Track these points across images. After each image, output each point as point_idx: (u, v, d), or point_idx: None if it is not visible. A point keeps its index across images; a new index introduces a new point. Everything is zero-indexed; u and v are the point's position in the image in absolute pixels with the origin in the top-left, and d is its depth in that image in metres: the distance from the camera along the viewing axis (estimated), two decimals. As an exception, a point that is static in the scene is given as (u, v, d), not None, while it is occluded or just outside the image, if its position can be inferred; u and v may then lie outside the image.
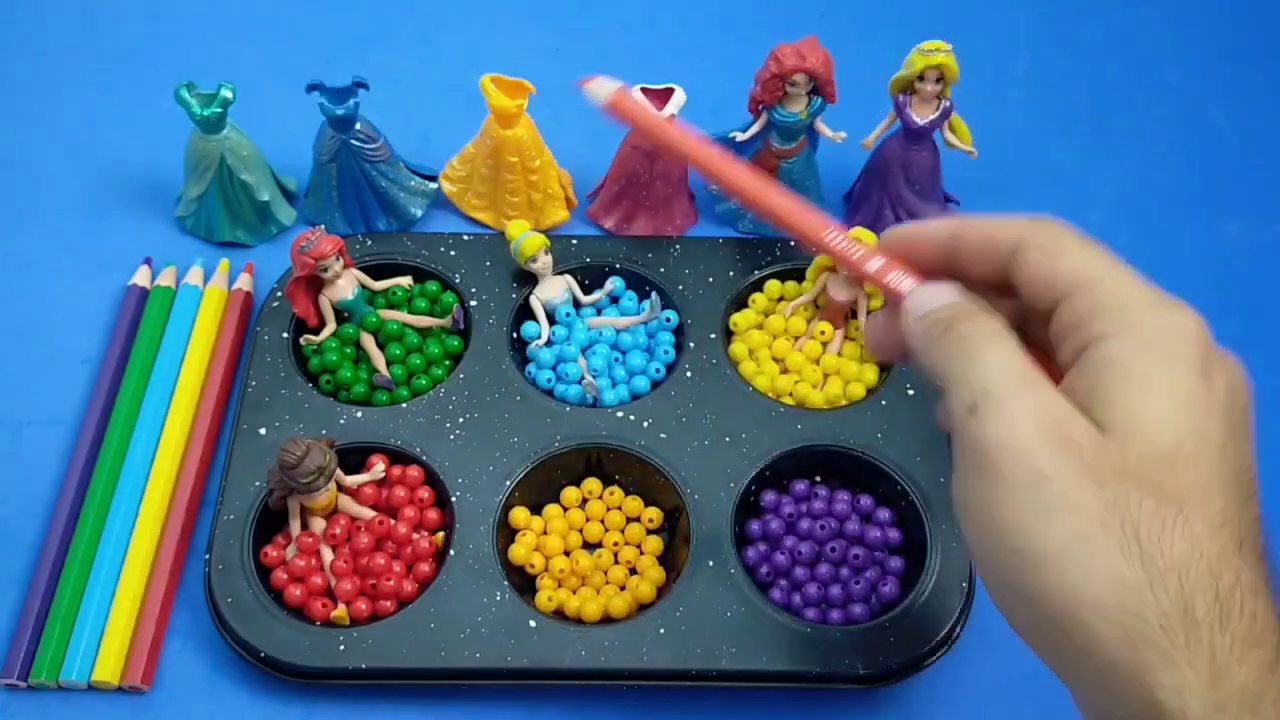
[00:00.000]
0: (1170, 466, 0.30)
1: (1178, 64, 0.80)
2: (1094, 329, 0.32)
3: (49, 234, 0.68)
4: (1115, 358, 0.32)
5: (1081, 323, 0.33)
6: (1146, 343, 0.32)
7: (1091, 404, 0.32)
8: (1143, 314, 0.32)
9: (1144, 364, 0.31)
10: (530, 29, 0.80)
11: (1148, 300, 0.33)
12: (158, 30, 0.79)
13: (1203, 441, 0.31)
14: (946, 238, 0.37)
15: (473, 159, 0.66)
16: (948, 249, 0.37)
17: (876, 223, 0.68)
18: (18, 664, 0.52)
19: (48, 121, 0.74)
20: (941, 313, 0.35)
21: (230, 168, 0.64)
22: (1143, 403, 0.31)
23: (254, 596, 0.53)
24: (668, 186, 0.65)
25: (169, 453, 0.58)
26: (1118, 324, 0.32)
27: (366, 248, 0.65)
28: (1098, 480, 0.30)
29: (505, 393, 0.60)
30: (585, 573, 0.55)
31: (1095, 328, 0.32)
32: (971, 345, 0.34)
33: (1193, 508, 0.30)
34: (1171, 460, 0.30)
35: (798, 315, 0.63)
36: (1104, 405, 0.31)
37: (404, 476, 0.57)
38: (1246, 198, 0.73)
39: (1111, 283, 0.33)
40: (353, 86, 0.61)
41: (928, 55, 0.61)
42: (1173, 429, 0.31)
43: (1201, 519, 0.30)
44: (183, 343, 0.62)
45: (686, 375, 0.61)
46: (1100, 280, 0.33)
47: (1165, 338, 0.32)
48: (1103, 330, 0.32)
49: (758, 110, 0.63)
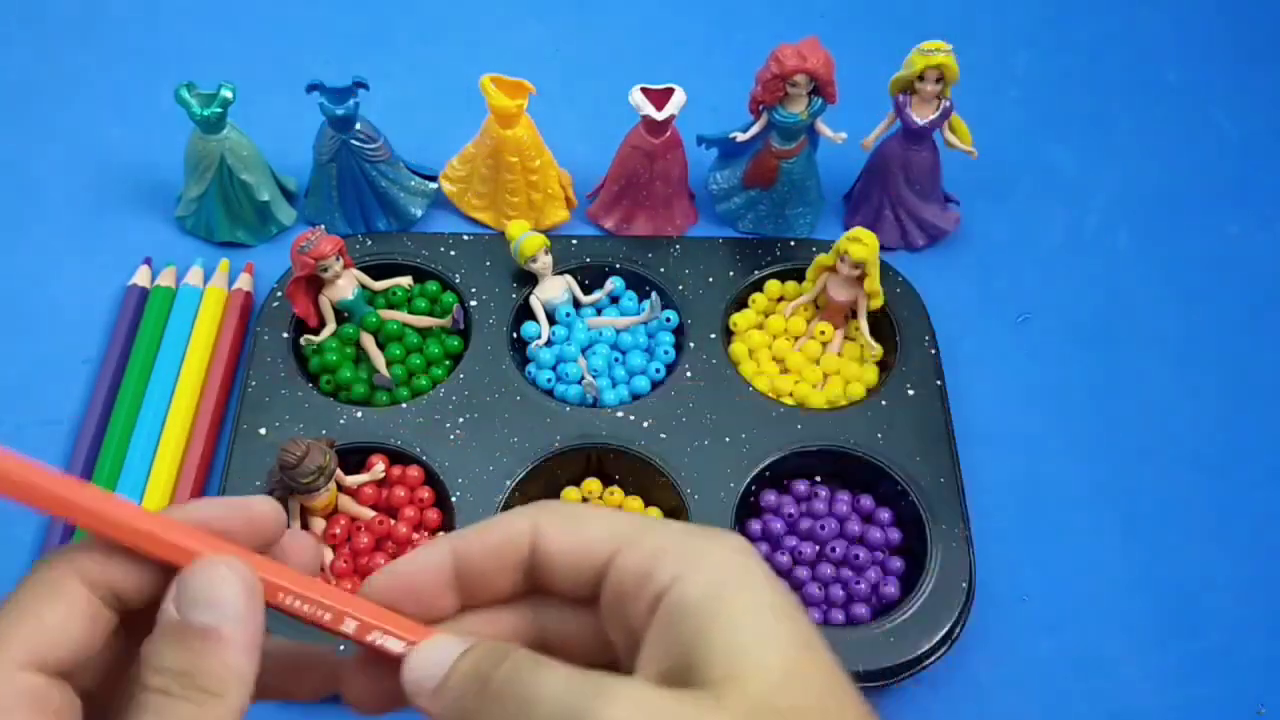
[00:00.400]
0: (797, 685, 0.28)
1: (1178, 64, 0.80)
2: (660, 577, 0.29)
3: (49, 234, 0.68)
4: (696, 600, 0.29)
5: (644, 575, 0.29)
6: (719, 576, 0.29)
7: (687, 661, 0.28)
8: (699, 550, 0.30)
9: (725, 598, 0.29)
10: (530, 29, 0.80)
11: (696, 537, 0.30)
12: (158, 30, 0.79)
13: (810, 653, 0.28)
14: (447, 562, 0.31)
15: (473, 159, 0.66)
16: (454, 572, 0.31)
17: (876, 223, 0.68)
18: (18, 664, 0.52)
19: (48, 121, 0.74)
20: (460, 670, 0.29)
21: (230, 168, 0.64)
22: (740, 639, 0.28)
23: (254, 596, 0.53)
24: (668, 186, 0.65)
25: (169, 453, 0.58)
26: (683, 565, 0.29)
27: (366, 248, 0.65)
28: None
29: (505, 393, 0.60)
30: (585, 573, 0.55)
31: (662, 575, 0.29)
32: (523, 690, 0.28)
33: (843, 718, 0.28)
34: (793, 678, 0.28)
35: (798, 315, 0.63)
36: (701, 657, 0.28)
37: (404, 476, 0.57)
38: (1246, 198, 0.73)
39: (652, 530, 0.30)
40: (353, 86, 0.61)
41: (928, 55, 0.61)
42: (778, 653, 0.28)
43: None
44: (183, 343, 0.62)
45: (686, 375, 0.61)
46: (640, 533, 0.30)
47: (732, 567, 0.29)
48: (671, 574, 0.29)
49: (758, 110, 0.63)
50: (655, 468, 0.57)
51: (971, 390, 0.62)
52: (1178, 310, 0.67)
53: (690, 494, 0.56)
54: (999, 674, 0.55)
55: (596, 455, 0.59)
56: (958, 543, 0.55)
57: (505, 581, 0.31)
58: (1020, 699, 0.54)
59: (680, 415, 0.59)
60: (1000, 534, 0.58)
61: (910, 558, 0.56)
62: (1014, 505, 0.59)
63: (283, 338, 0.61)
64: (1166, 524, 0.59)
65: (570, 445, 0.58)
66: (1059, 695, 0.55)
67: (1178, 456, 0.62)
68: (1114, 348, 0.66)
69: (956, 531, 0.55)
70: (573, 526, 0.31)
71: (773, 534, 0.56)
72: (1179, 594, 0.57)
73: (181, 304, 0.63)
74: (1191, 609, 0.57)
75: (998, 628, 0.56)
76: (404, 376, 0.61)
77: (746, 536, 0.57)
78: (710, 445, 0.58)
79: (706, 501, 0.56)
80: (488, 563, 0.31)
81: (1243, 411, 0.63)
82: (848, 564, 0.55)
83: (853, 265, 0.60)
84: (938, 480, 0.57)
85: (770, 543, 0.56)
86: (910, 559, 0.56)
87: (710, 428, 0.58)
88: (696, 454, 0.58)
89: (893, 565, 0.56)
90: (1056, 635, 0.56)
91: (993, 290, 0.68)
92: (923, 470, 0.57)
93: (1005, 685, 0.54)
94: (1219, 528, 0.59)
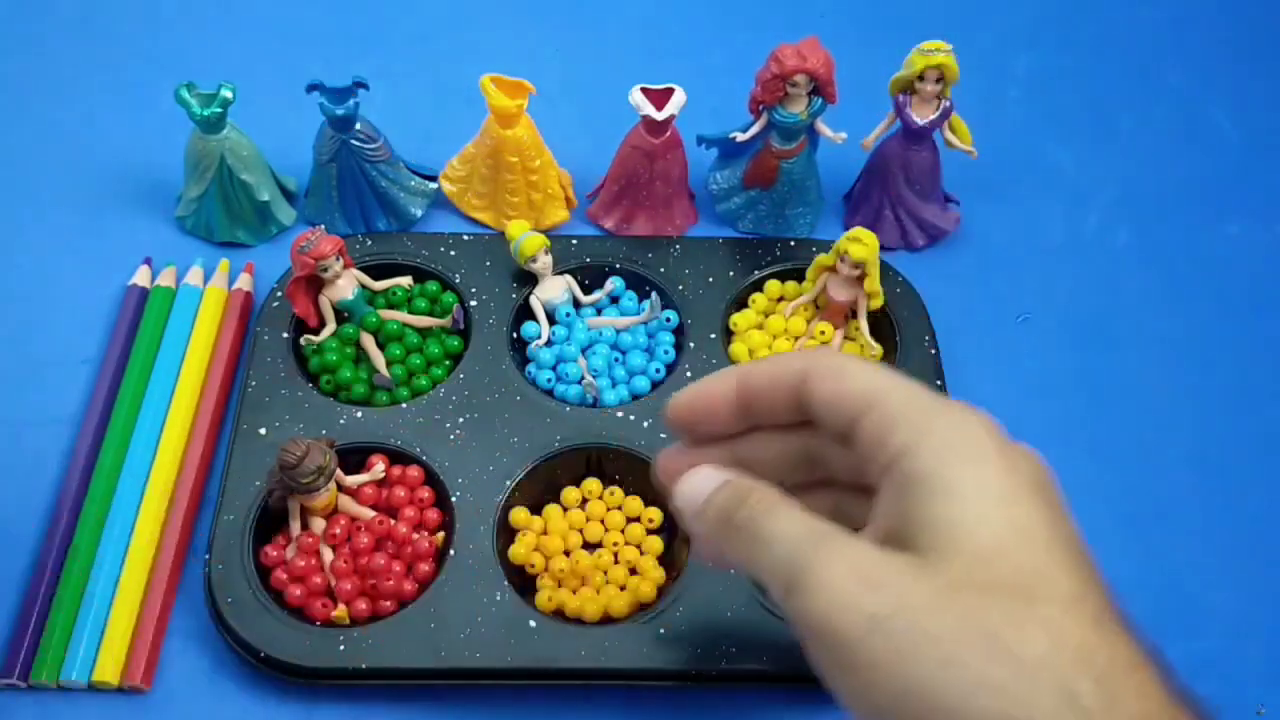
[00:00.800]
0: (1001, 562, 0.30)
1: (1178, 64, 0.80)
2: (893, 444, 0.32)
3: (49, 234, 0.68)
4: (921, 472, 0.31)
5: (880, 439, 0.33)
6: (947, 449, 0.32)
7: (907, 527, 0.31)
8: (935, 421, 0.32)
9: (949, 471, 0.31)
10: (530, 29, 0.80)
11: (937, 408, 0.33)
12: (158, 30, 0.79)
13: (1024, 529, 0.30)
14: (734, 388, 0.37)
15: (473, 159, 0.66)
16: (738, 398, 0.37)
17: (876, 223, 0.68)
18: (18, 664, 0.52)
19: (48, 121, 0.74)
20: (714, 504, 0.35)
21: (230, 168, 0.64)
22: (957, 510, 0.30)
23: (254, 596, 0.53)
24: (668, 186, 0.65)
25: (169, 453, 0.58)
26: (915, 435, 0.32)
27: (366, 248, 0.65)
28: (937, 603, 0.29)
29: (505, 393, 0.60)
30: (585, 573, 0.55)
31: (894, 442, 0.32)
32: (756, 529, 0.33)
33: (1040, 595, 0.29)
34: (1000, 556, 0.30)
35: (798, 315, 0.63)
36: (919, 525, 0.31)
37: (404, 476, 0.57)
38: (1246, 198, 0.73)
39: (899, 395, 0.33)
40: (353, 86, 0.61)
41: (928, 55, 0.61)
42: (990, 526, 0.30)
43: (1053, 604, 0.29)
44: (183, 343, 0.62)
45: (686, 375, 0.61)
46: (888, 395, 0.33)
47: (962, 441, 0.32)
48: (902, 444, 0.32)
49: (758, 110, 0.63)
50: (655, 468, 0.57)
51: (971, 390, 0.62)
52: (1178, 310, 0.67)
53: (690, 494, 0.56)
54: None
55: (596, 455, 0.58)
56: (958, 543, 0.55)
57: (781, 410, 0.36)
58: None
59: (680, 415, 0.59)
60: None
61: (910, 558, 0.56)
62: (1014, 505, 0.59)
63: (283, 338, 0.61)
64: (1166, 524, 0.59)
65: (570, 445, 0.58)
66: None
67: (1178, 456, 0.62)
68: (1114, 348, 0.66)
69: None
70: (835, 377, 0.35)
71: (773, 534, 0.56)
72: (1179, 594, 0.57)
73: (181, 304, 0.63)
74: (1191, 609, 0.57)
75: (998, 628, 0.56)
76: (404, 376, 0.61)
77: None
78: (710, 445, 0.58)
79: (706, 501, 0.56)
80: (764, 391, 0.36)
81: (1243, 411, 0.63)
82: (848, 564, 0.55)
83: (853, 265, 0.60)
84: (938, 480, 0.57)
85: (770, 543, 0.56)
86: (910, 559, 0.56)
87: (710, 428, 0.58)
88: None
89: (893, 565, 0.56)
90: (1056, 635, 0.56)
91: (993, 290, 0.68)
92: (923, 470, 0.57)
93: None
94: (1219, 528, 0.59)
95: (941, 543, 0.30)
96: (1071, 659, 0.28)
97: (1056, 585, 0.29)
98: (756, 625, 0.52)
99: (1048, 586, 0.29)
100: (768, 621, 0.53)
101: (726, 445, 0.38)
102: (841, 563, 0.31)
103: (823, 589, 0.30)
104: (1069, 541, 0.31)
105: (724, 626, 0.52)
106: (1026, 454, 0.33)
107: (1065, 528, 0.31)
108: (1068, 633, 0.29)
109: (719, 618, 0.53)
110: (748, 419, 0.37)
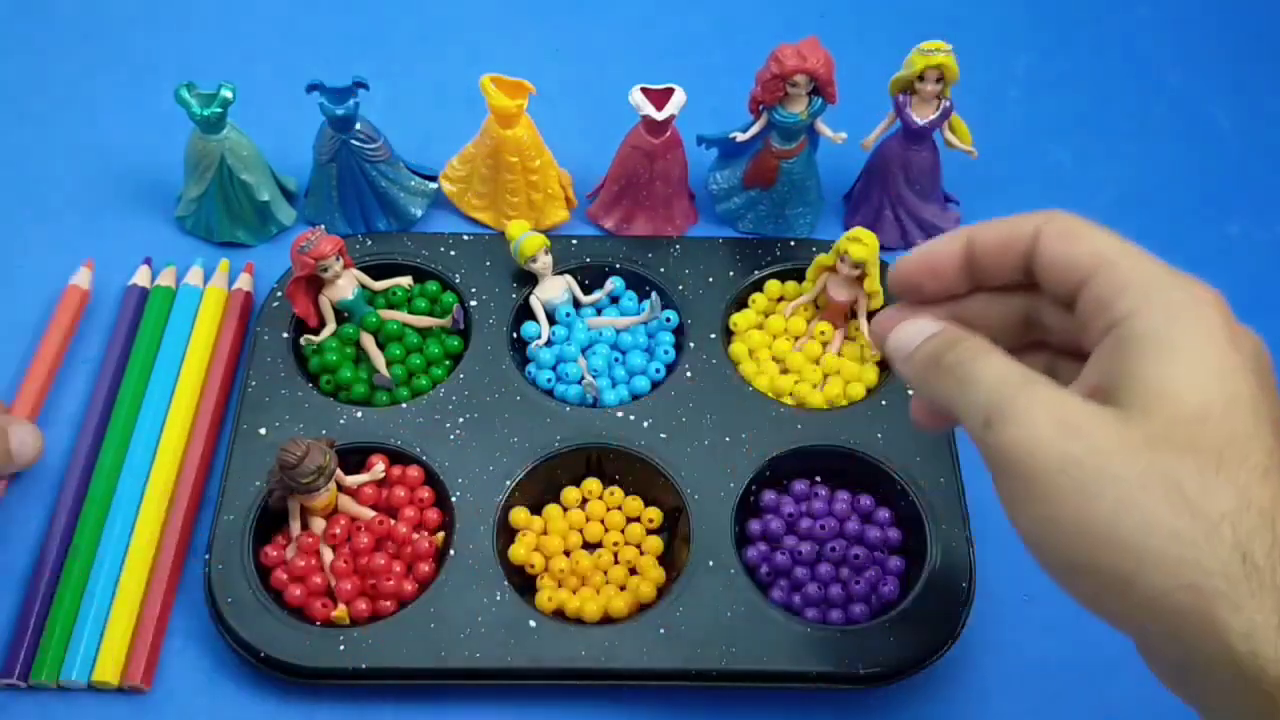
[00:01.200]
0: (1202, 425, 0.31)
1: (1178, 64, 0.80)
2: (1119, 307, 0.33)
3: (49, 234, 0.68)
4: (1142, 333, 0.33)
5: (1106, 302, 0.34)
6: (1172, 315, 0.33)
7: (1117, 382, 0.33)
8: (1165, 289, 0.33)
9: (1170, 334, 0.32)
10: (530, 29, 0.80)
11: (1167, 276, 0.34)
12: (158, 30, 0.79)
13: (1233, 399, 0.32)
14: (962, 247, 0.38)
15: (473, 159, 0.66)
16: (965, 258, 0.38)
17: (876, 223, 0.68)
18: (18, 664, 0.52)
19: (48, 121, 0.74)
20: (923, 349, 0.37)
21: (230, 168, 0.64)
22: (1171, 371, 0.32)
23: (254, 596, 0.53)
24: (668, 186, 0.65)
25: (169, 453, 0.58)
26: (1142, 300, 0.33)
27: (366, 248, 0.65)
28: (1129, 450, 0.31)
29: (505, 393, 0.60)
30: (585, 573, 0.55)
31: (1120, 306, 0.33)
32: (964, 370, 0.35)
33: (1232, 460, 0.31)
34: (1203, 419, 0.31)
35: (798, 315, 0.63)
36: (1130, 380, 0.32)
37: (404, 476, 0.57)
38: (1246, 198, 0.73)
39: (1130, 261, 0.34)
40: (353, 86, 0.61)
41: (928, 55, 0.61)
42: (1201, 391, 0.31)
43: (1244, 469, 0.31)
44: (183, 343, 0.62)
45: (686, 375, 0.61)
46: (1118, 260, 0.34)
47: (1189, 309, 0.33)
48: (1128, 308, 0.33)
49: (758, 110, 0.63)
50: (655, 468, 0.57)
51: (971, 390, 0.62)
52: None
53: (690, 494, 0.56)
54: (999, 674, 0.55)
55: (596, 455, 0.59)
56: (958, 543, 0.55)
57: (1006, 271, 0.37)
58: (1020, 699, 0.54)
59: (680, 415, 0.59)
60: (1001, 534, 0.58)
61: (910, 558, 0.56)
62: (1014, 505, 0.59)
63: (283, 338, 0.61)
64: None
65: (570, 445, 0.58)
66: (1059, 695, 0.55)
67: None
68: (1114, 348, 0.66)
69: (956, 531, 0.55)
70: (1066, 239, 0.35)
71: (772, 534, 0.56)
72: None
73: (181, 304, 0.63)
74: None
75: (998, 628, 0.56)
76: (404, 376, 0.61)
77: (746, 537, 0.57)
78: (710, 445, 0.58)
79: (706, 501, 0.56)
80: (993, 250, 0.37)
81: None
82: (847, 564, 0.55)
83: (853, 265, 0.60)
84: (938, 480, 0.57)
85: (769, 542, 0.56)
86: (910, 559, 0.56)
87: (710, 428, 0.58)
88: (696, 454, 0.58)
89: (892, 565, 0.56)
90: (1057, 635, 0.56)
91: (993, 290, 0.68)
92: (923, 470, 0.57)
93: (1005, 685, 0.54)
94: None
95: (1149, 400, 0.32)
96: (1252, 521, 0.30)
97: (1251, 455, 0.31)
98: (756, 625, 0.52)
99: (1242, 454, 0.31)
100: (768, 621, 0.53)
101: (946, 306, 0.39)
102: (1044, 405, 0.32)
103: (1021, 425, 0.32)
104: (1274, 420, 0.32)
105: (724, 626, 0.52)
106: (1251, 335, 0.34)
107: (1270, 403, 0.33)
108: (1253, 496, 0.30)
109: (719, 618, 0.53)
110: (972, 279, 0.38)
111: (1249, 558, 0.30)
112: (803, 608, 0.54)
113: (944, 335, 0.37)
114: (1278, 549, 0.30)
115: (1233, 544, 0.30)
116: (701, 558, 0.54)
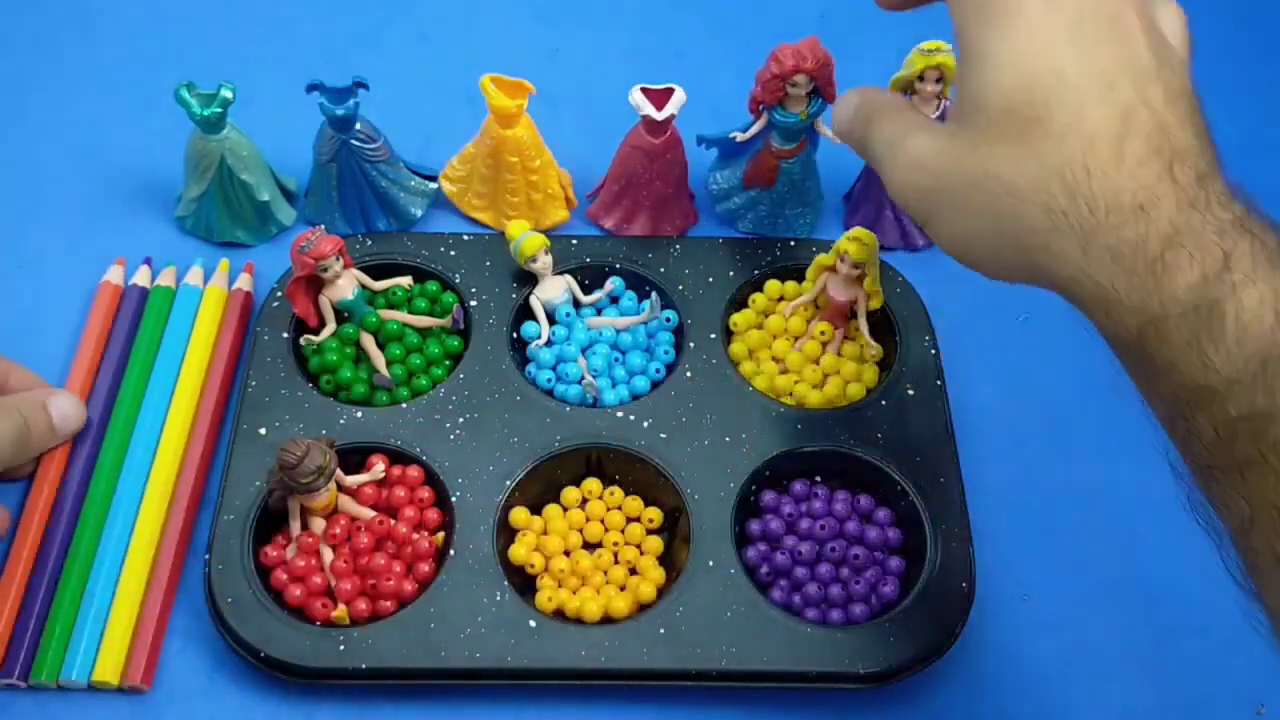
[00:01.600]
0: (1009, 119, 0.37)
1: (1178, 64, 0.80)
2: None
3: (49, 234, 0.68)
4: (964, 48, 0.39)
5: None
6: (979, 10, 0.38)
7: (959, 103, 0.40)
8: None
9: (979, 37, 0.38)
10: (530, 29, 0.80)
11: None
12: (158, 30, 0.79)
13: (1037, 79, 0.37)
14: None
15: (473, 159, 0.66)
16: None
17: (876, 223, 0.68)
18: (18, 664, 0.52)
19: (48, 121, 0.73)
20: (842, 115, 0.46)
21: (230, 168, 0.64)
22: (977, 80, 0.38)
23: (254, 596, 0.53)
24: (668, 186, 0.65)
25: (169, 453, 0.58)
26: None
27: (366, 248, 0.65)
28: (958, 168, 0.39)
29: (505, 393, 0.60)
30: (585, 573, 0.55)
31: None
32: (864, 132, 0.45)
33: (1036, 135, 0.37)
34: (1010, 113, 0.37)
35: (797, 315, 0.63)
36: (961, 97, 0.40)
37: (404, 476, 0.57)
38: (1247, 198, 0.73)
39: None
40: (353, 86, 0.61)
41: (928, 55, 0.61)
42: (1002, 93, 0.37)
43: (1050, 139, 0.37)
44: (183, 343, 0.62)
45: (686, 375, 0.61)
46: None
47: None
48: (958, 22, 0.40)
49: (758, 110, 0.63)
50: (655, 468, 0.57)
51: (971, 390, 0.62)
52: (1178, 310, 0.67)
53: (690, 494, 0.56)
54: (999, 674, 0.55)
55: (596, 455, 0.59)
56: (958, 543, 0.55)
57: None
58: (1020, 699, 0.54)
59: (680, 415, 0.59)
60: (1000, 534, 0.58)
61: (910, 558, 0.56)
62: (1014, 505, 0.59)
63: (283, 338, 0.61)
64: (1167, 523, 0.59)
65: (570, 445, 0.58)
66: (1059, 695, 0.55)
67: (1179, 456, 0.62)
68: (1114, 347, 0.66)
69: (956, 531, 0.55)
70: None
71: (772, 534, 0.56)
72: (1179, 594, 0.57)
73: (181, 304, 0.63)
74: (1192, 609, 0.57)
75: (997, 628, 0.56)
76: (404, 376, 0.61)
77: (746, 537, 0.57)
78: (710, 445, 0.58)
79: (706, 501, 0.56)
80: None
81: (1243, 411, 0.63)
82: (847, 564, 0.55)
83: (852, 265, 0.60)
84: (938, 480, 0.57)
85: (769, 543, 0.56)
86: (910, 559, 0.56)
87: (710, 428, 0.58)
88: (696, 454, 0.58)
89: (892, 565, 0.56)
90: (1056, 635, 0.56)
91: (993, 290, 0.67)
92: (923, 470, 0.57)
93: (1005, 685, 0.54)
94: (1219, 528, 0.59)
95: (969, 111, 0.38)
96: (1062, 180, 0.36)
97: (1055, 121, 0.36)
98: (757, 625, 0.53)
99: (1046, 128, 0.36)
100: (768, 621, 0.53)
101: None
102: (904, 154, 0.42)
103: (894, 172, 0.42)
104: (1102, 74, 0.37)
105: (724, 626, 0.52)
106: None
107: (1101, 60, 0.37)
108: (1056, 161, 0.36)
109: (719, 618, 0.53)
110: None
111: (1069, 214, 0.36)
112: (803, 608, 0.54)
113: (865, 97, 0.46)
114: (1098, 201, 0.35)
115: (1043, 206, 0.36)
116: (701, 558, 0.54)
